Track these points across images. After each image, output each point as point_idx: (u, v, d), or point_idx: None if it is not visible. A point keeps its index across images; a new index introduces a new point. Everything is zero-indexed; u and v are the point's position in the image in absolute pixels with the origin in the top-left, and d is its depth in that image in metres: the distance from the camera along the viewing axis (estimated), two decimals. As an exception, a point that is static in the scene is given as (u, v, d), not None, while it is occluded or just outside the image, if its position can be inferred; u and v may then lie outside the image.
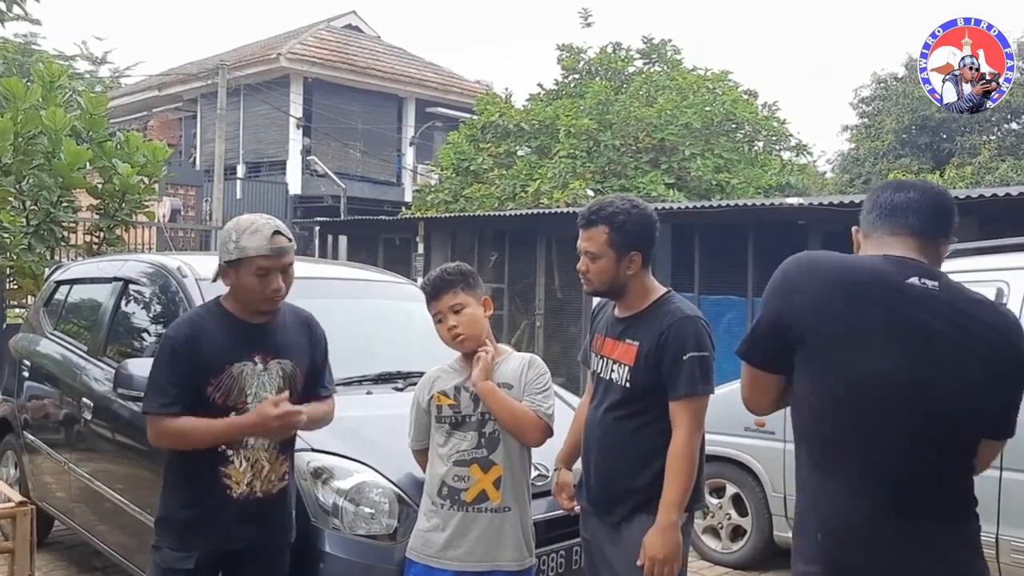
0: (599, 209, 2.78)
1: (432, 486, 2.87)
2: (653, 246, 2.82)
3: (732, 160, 15.24)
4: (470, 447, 2.83)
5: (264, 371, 2.79)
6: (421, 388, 2.97)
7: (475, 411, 2.84)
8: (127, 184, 8.15)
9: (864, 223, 2.08)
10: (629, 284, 2.80)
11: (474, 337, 2.87)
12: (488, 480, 2.81)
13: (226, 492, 2.75)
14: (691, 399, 2.67)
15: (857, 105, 27.24)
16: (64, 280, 5.48)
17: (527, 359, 2.96)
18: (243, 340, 2.78)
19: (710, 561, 5.43)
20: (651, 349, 2.70)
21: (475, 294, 2.90)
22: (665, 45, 18.29)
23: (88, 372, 4.46)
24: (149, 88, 24.00)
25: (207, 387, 2.72)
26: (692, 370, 2.65)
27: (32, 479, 5.00)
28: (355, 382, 3.85)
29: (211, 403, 2.72)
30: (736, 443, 5.26)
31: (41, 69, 8.32)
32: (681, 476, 2.64)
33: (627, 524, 2.73)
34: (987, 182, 19.76)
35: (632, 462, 2.74)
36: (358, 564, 3.05)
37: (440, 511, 2.83)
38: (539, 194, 14.67)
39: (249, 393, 2.76)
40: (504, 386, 2.86)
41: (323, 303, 4.42)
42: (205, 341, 2.74)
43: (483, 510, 2.81)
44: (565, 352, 11.95)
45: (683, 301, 2.82)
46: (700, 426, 2.71)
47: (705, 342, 2.70)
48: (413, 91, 22.13)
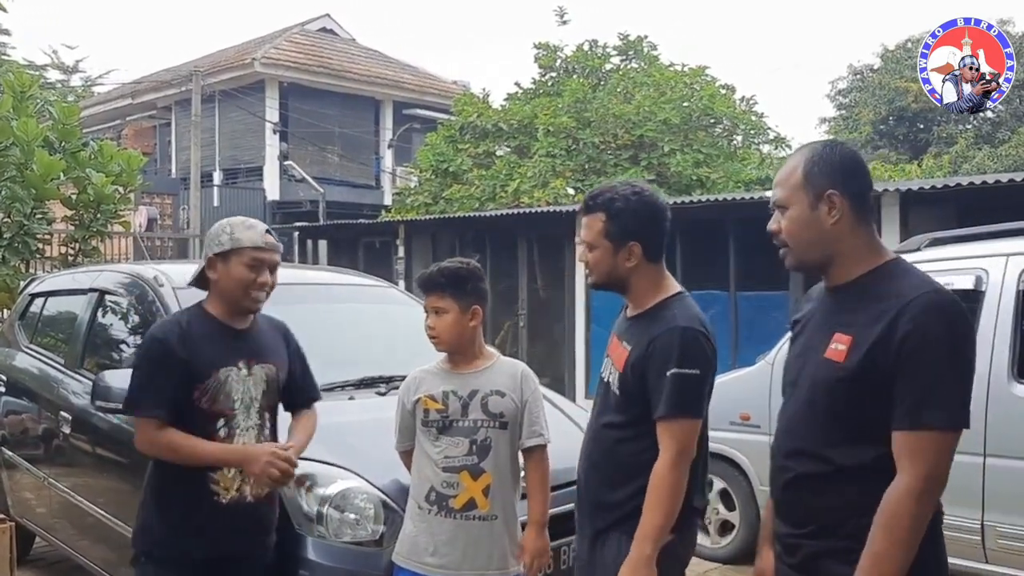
0: (598, 195, 2.59)
1: (420, 490, 2.83)
2: (660, 237, 2.58)
3: (711, 155, 15.27)
4: (461, 454, 2.79)
5: (249, 376, 2.78)
6: (406, 389, 2.93)
7: (464, 417, 2.80)
8: (102, 194, 8.05)
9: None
10: (632, 279, 2.57)
11: (447, 342, 2.84)
12: (478, 488, 2.77)
13: (214, 499, 2.71)
14: (670, 421, 2.41)
15: (834, 97, 27.47)
16: (39, 293, 5.41)
17: (520, 370, 2.91)
18: (229, 344, 2.77)
19: (698, 557, 5.42)
20: (639, 358, 2.48)
21: (462, 301, 2.82)
22: (642, 42, 18.31)
23: (66, 385, 4.41)
24: (122, 96, 23.81)
25: (194, 391, 2.69)
26: (673, 389, 2.39)
27: (12, 495, 4.93)
28: (337, 387, 3.82)
29: (197, 408, 2.69)
30: (722, 437, 5.25)
31: (11, 79, 8.20)
32: (659, 507, 2.39)
33: (601, 541, 2.56)
34: (964, 170, 19.95)
35: (611, 475, 2.55)
36: (344, 571, 3.02)
37: (427, 516, 2.79)
38: (519, 194, 14.64)
39: (236, 398, 2.74)
40: (495, 393, 2.82)
41: (304, 308, 4.40)
42: (192, 344, 2.71)
43: (471, 518, 2.77)
44: (549, 353, 11.93)
45: (687, 306, 2.53)
46: (685, 452, 2.43)
47: (694, 357, 2.42)
48: (390, 93, 22.06)
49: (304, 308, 4.41)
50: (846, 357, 1.89)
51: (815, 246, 2.00)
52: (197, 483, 2.71)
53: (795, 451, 2.00)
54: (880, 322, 1.85)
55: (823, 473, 1.93)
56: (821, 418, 1.94)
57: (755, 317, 9.47)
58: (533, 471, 2.88)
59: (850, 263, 1.98)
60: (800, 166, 2.01)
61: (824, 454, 1.92)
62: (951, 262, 4.56)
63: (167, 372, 2.68)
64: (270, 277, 2.79)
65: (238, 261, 2.74)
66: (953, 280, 4.37)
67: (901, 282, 1.91)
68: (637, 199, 2.54)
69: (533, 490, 2.89)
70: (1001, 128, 22.06)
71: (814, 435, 1.95)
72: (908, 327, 1.81)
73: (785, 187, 2.03)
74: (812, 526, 1.95)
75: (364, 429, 3.45)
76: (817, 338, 2.00)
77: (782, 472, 2.03)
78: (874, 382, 1.84)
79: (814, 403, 1.96)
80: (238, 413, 2.75)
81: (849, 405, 1.89)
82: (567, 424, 3.96)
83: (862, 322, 1.89)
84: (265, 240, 2.78)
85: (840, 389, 1.89)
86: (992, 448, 4.10)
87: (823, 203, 1.97)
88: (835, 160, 1.99)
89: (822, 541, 1.93)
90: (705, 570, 5.28)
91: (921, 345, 1.80)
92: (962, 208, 8.02)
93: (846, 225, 1.97)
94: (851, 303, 1.95)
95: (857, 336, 1.88)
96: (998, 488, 4.12)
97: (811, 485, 1.95)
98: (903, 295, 1.85)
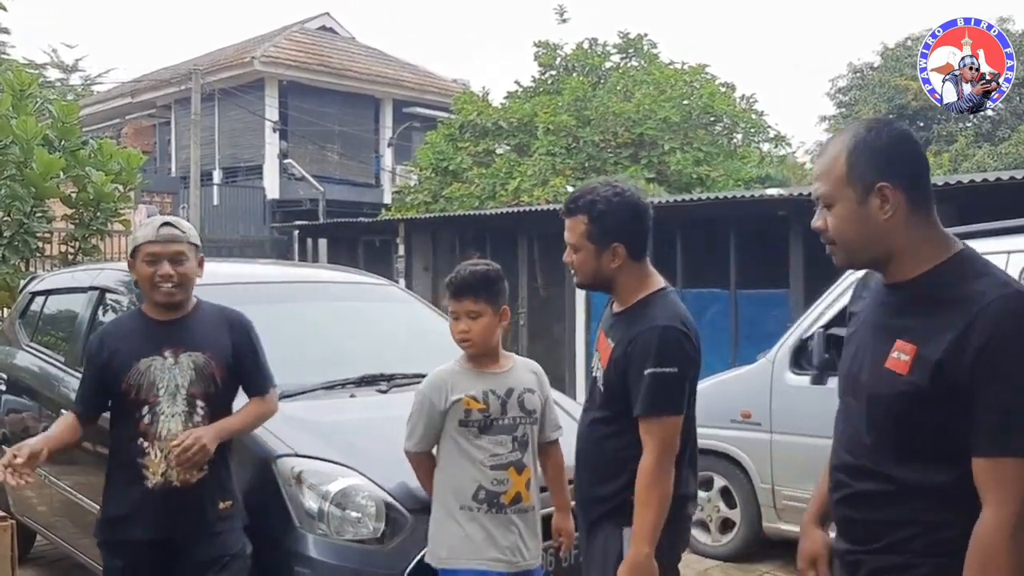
0: (579, 197, 2.61)
1: (464, 491, 2.82)
2: (642, 236, 2.61)
3: (711, 153, 15.29)
4: (506, 451, 2.82)
5: (175, 364, 2.91)
6: (436, 389, 2.85)
7: (503, 415, 2.84)
8: (102, 192, 8.05)
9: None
10: (617, 278, 2.59)
11: (480, 345, 2.85)
12: (522, 482, 2.84)
13: (142, 482, 2.86)
14: (649, 420, 2.45)
15: (834, 95, 27.47)
16: (39, 291, 5.40)
17: (537, 369, 3.03)
18: (151, 337, 2.94)
19: (699, 554, 5.42)
20: (620, 356, 2.51)
21: (495, 303, 2.85)
22: (641, 40, 18.33)
23: (67, 383, 4.39)
24: (122, 95, 23.82)
25: (120, 384, 2.88)
26: (650, 388, 2.42)
27: (12, 494, 4.92)
28: (338, 385, 3.82)
29: (126, 399, 2.88)
30: (723, 435, 5.26)
31: (11, 78, 8.20)
32: (650, 506, 2.43)
33: (594, 531, 2.63)
34: (964, 169, 19.94)
35: (600, 470, 2.60)
36: (345, 569, 3.03)
37: (478, 515, 2.80)
38: (519, 192, 14.66)
39: (160, 386, 2.88)
40: (528, 391, 2.89)
41: (304, 306, 4.41)
42: (114, 342, 2.96)
43: (519, 511, 2.84)
44: (549, 351, 11.93)
45: (668, 303, 2.56)
46: (667, 449, 2.45)
47: (672, 356, 2.44)
48: (390, 91, 22.05)
49: (305, 306, 4.42)
50: (910, 369, 1.67)
51: (868, 245, 1.77)
52: (131, 469, 2.89)
53: (854, 468, 1.80)
54: (951, 330, 1.62)
55: (886, 492, 1.73)
56: (884, 435, 1.73)
57: (755, 315, 9.47)
58: (555, 460, 3.02)
59: (911, 259, 1.73)
60: (843, 155, 1.76)
61: (887, 473, 1.73)
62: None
63: (91, 372, 3.01)
64: (172, 268, 2.90)
65: (140, 259, 2.94)
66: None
67: (973, 283, 1.66)
68: (619, 200, 2.55)
69: (556, 478, 3.02)
70: (1001, 126, 22.09)
71: (875, 452, 1.75)
72: (985, 337, 1.58)
73: (827, 181, 1.78)
74: (875, 543, 1.76)
75: (365, 427, 3.45)
76: (876, 343, 1.78)
77: (839, 487, 1.84)
78: (945, 398, 1.63)
79: (875, 417, 1.75)
80: (162, 400, 2.88)
81: (915, 422, 1.68)
82: (567, 420, 3.97)
83: (929, 330, 1.66)
84: (158, 234, 2.92)
85: (903, 404, 1.69)
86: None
87: (874, 196, 1.72)
88: (882, 145, 1.74)
89: (886, 556, 1.75)
90: (706, 567, 5.28)
91: (1002, 358, 1.58)
92: (962, 206, 8.01)
93: (901, 218, 1.72)
94: (915, 305, 1.73)
95: (923, 346, 1.66)
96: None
97: (873, 503, 1.76)
98: (976, 298, 1.62)
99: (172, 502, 2.86)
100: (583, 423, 2.74)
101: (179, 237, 2.95)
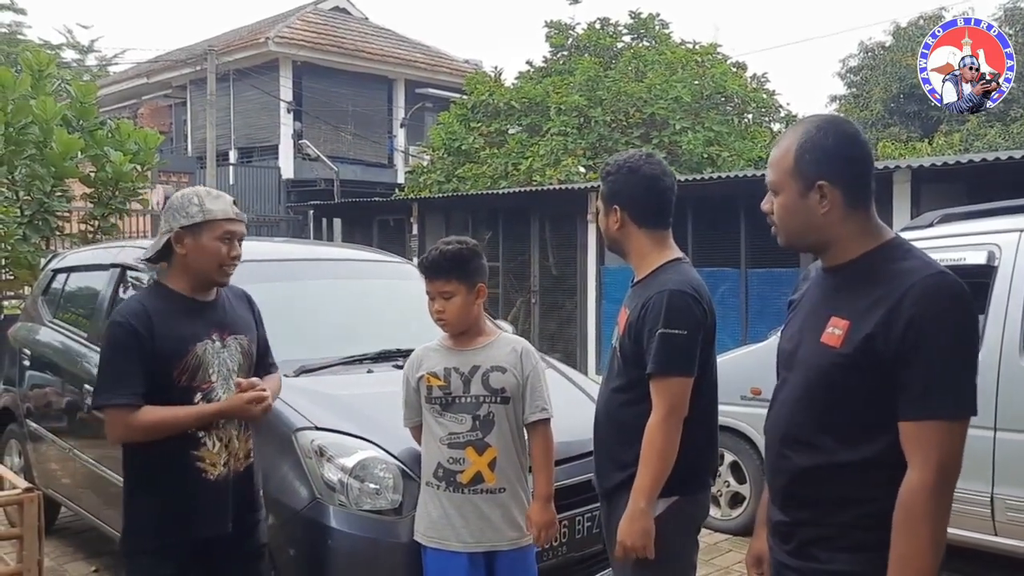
0: (606, 164, 2.77)
1: (428, 467, 2.90)
2: (646, 203, 2.66)
3: (722, 133, 15.23)
4: (464, 430, 2.85)
5: (224, 348, 2.72)
6: (410, 367, 2.99)
7: (466, 393, 2.85)
8: (120, 172, 8.14)
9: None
10: (625, 244, 2.71)
11: (455, 324, 2.89)
12: (483, 462, 2.84)
13: (202, 476, 2.64)
14: (656, 379, 2.51)
15: (845, 75, 27.22)
16: (61, 268, 5.49)
17: (521, 346, 2.96)
18: (199, 319, 2.69)
19: (709, 528, 5.49)
20: (634, 322, 2.59)
21: (468, 282, 2.87)
22: (653, 20, 18.23)
23: (89, 359, 4.47)
24: (138, 76, 23.85)
25: (173, 371, 2.60)
26: (660, 348, 2.49)
27: (37, 467, 5.03)
28: (356, 361, 3.90)
29: (174, 386, 2.60)
30: (733, 412, 5.31)
31: (29, 58, 8.28)
32: (651, 462, 2.48)
33: (615, 499, 2.64)
34: (975, 148, 19.80)
35: (617, 437, 2.64)
36: (364, 539, 3.10)
37: (437, 492, 2.86)
38: (531, 172, 14.66)
39: (212, 372, 2.67)
40: (496, 369, 2.87)
41: (323, 284, 4.47)
42: (162, 325, 2.60)
43: (479, 491, 2.83)
44: (561, 328, 12.00)
45: (681, 271, 2.63)
46: (675, 409, 2.50)
47: (680, 319, 2.51)
48: (402, 72, 22.02)
49: (323, 283, 4.49)
50: (843, 342, 1.79)
51: (805, 233, 1.91)
52: (184, 463, 2.62)
53: (791, 438, 1.90)
54: (880, 307, 1.75)
55: (818, 465, 1.83)
56: (818, 405, 1.84)
57: (766, 293, 9.51)
58: (537, 445, 2.93)
59: (845, 246, 1.87)
60: (792, 150, 1.89)
61: (821, 443, 1.83)
62: (963, 238, 4.59)
63: (134, 359, 2.56)
64: (240, 249, 2.72)
65: (211, 236, 2.64)
66: (965, 256, 4.41)
67: (901, 264, 1.80)
68: (627, 167, 2.68)
69: (537, 464, 2.93)
70: (1013, 106, 21.84)
71: (811, 423, 1.85)
72: (911, 313, 1.70)
73: (776, 170, 1.92)
74: (807, 513, 1.86)
75: (382, 401, 3.50)
76: (812, 320, 1.90)
77: (778, 459, 1.93)
78: (874, 370, 1.74)
79: (810, 389, 1.86)
80: (217, 386, 2.67)
81: (847, 392, 1.79)
82: (578, 395, 4.03)
83: (861, 307, 1.79)
84: (235, 211, 2.71)
85: (837, 375, 1.80)
86: (1003, 422, 4.14)
87: (814, 192, 1.85)
88: (827, 146, 1.85)
89: (816, 529, 1.84)
90: (716, 541, 5.35)
91: (926, 331, 1.70)
92: (973, 185, 8.02)
93: (837, 215, 1.86)
94: (849, 285, 1.85)
95: (855, 321, 1.78)
96: (1008, 461, 4.17)
97: (806, 475, 1.86)
98: (904, 279, 1.75)
99: (236, 492, 2.73)
100: (602, 396, 2.78)
101: (243, 217, 2.79)
